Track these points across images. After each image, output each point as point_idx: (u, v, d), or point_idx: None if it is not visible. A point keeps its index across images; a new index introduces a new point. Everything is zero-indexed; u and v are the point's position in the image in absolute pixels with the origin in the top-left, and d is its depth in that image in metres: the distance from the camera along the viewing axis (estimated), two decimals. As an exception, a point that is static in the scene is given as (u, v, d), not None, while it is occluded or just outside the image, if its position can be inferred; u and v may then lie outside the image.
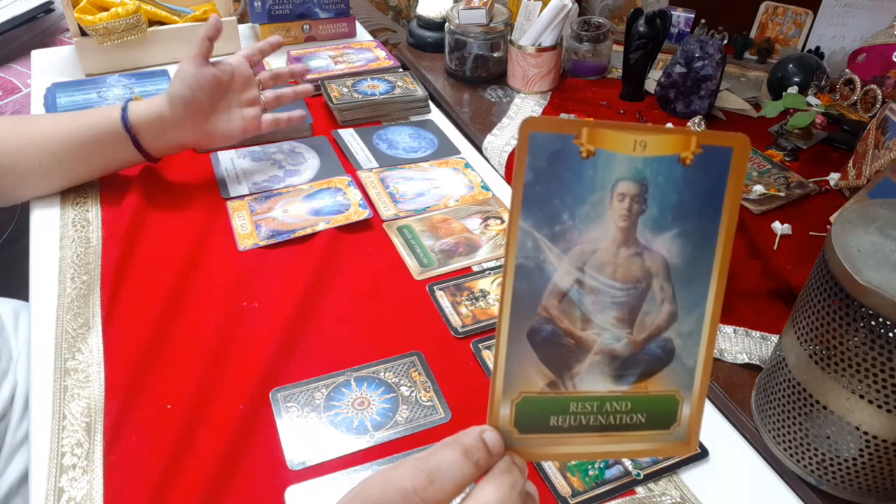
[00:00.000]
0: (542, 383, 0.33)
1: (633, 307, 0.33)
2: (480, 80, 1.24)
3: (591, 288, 0.33)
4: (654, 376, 0.34)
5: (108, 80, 1.11)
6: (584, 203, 0.31)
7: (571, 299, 0.33)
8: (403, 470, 0.31)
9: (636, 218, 0.32)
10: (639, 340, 0.34)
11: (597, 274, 0.32)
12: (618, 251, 0.32)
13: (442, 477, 0.31)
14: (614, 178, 0.31)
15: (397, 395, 0.65)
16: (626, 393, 0.34)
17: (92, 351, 0.67)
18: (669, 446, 0.35)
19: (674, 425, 0.35)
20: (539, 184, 0.31)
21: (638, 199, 0.31)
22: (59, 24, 1.51)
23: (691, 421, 0.35)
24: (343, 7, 1.32)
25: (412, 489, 0.30)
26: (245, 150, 0.99)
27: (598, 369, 0.34)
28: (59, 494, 0.55)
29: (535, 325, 0.33)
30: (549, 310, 0.32)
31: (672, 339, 0.34)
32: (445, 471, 0.31)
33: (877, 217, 0.53)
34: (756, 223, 0.89)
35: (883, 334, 0.48)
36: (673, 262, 0.33)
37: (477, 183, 0.95)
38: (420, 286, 0.77)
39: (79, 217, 0.85)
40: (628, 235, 0.32)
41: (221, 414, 0.62)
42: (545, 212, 0.31)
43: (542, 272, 0.32)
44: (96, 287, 0.74)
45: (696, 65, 1.08)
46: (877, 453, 0.52)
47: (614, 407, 0.34)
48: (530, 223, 0.31)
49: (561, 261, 0.32)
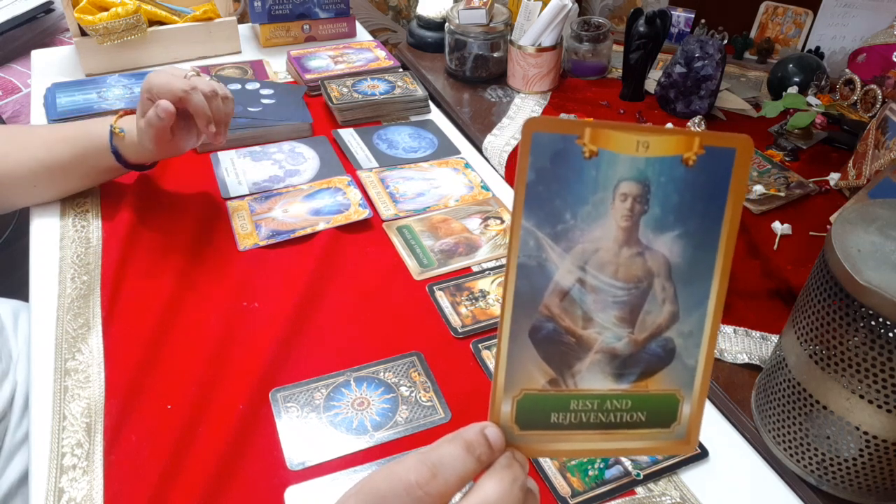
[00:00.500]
0: (543, 381, 0.34)
1: (634, 306, 0.33)
2: (480, 80, 1.24)
3: (592, 287, 0.33)
4: (654, 375, 0.34)
5: (108, 80, 1.11)
6: (587, 203, 0.31)
7: (573, 298, 0.33)
8: (407, 464, 0.32)
9: (638, 218, 0.32)
10: (640, 340, 0.34)
11: (598, 273, 0.32)
12: (619, 251, 0.32)
13: (444, 471, 0.31)
14: (616, 179, 0.31)
15: (397, 395, 0.65)
16: (626, 391, 0.34)
17: (92, 351, 0.67)
18: (669, 445, 0.35)
19: (674, 424, 0.35)
20: (541, 183, 0.31)
21: (640, 200, 0.31)
22: (59, 24, 1.51)
23: (691, 420, 0.35)
24: (343, 7, 1.32)
25: (416, 483, 0.31)
26: (245, 150, 0.99)
27: (598, 368, 0.34)
28: (59, 495, 0.55)
29: (536, 323, 0.33)
30: (550, 308, 0.33)
31: (673, 339, 0.34)
32: (448, 465, 0.32)
33: (877, 217, 0.53)
34: (756, 223, 0.89)
35: (883, 334, 0.48)
36: (675, 262, 0.33)
37: (477, 183, 0.95)
38: (420, 286, 0.77)
39: (79, 217, 0.85)
40: (630, 235, 0.32)
41: (221, 414, 0.62)
42: (547, 211, 0.31)
43: (544, 271, 0.32)
44: (96, 287, 0.74)
45: (696, 65, 1.08)
46: (877, 453, 0.52)
47: (615, 405, 0.34)
48: (532, 222, 0.31)
49: (563, 260, 0.32)
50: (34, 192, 0.84)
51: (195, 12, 1.22)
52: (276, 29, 1.29)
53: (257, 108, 1.03)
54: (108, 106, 1.02)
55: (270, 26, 1.28)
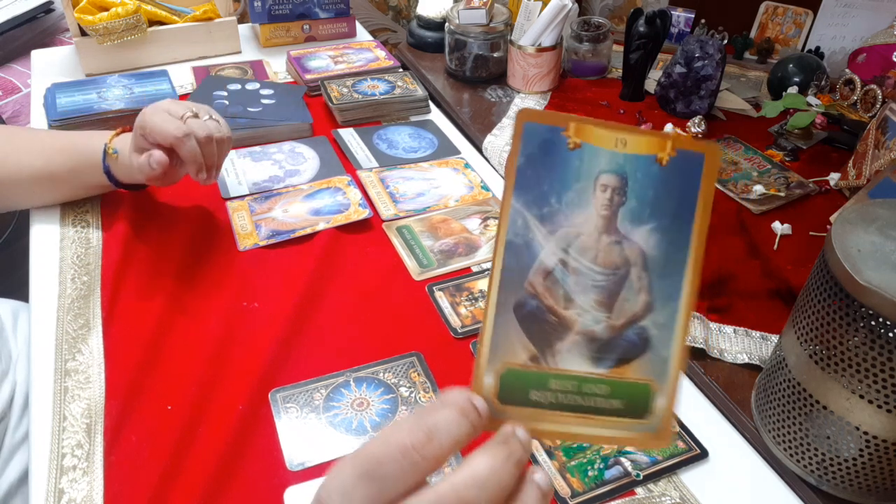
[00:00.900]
0: (525, 356, 0.35)
1: (612, 292, 0.36)
2: (480, 80, 1.24)
3: (573, 269, 0.35)
4: (631, 363, 0.36)
5: (108, 80, 1.11)
6: (570, 189, 0.34)
7: (556, 278, 0.35)
8: (402, 427, 0.32)
9: (617, 208, 0.35)
10: (617, 325, 0.36)
11: (579, 257, 0.35)
12: (599, 237, 0.35)
13: (440, 435, 0.32)
14: (598, 170, 0.34)
15: (396, 395, 0.65)
16: (604, 376, 0.36)
17: (92, 352, 0.67)
18: (643, 437, 0.37)
19: (648, 415, 0.36)
20: (530, 168, 0.34)
21: (619, 192, 0.34)
22: (59, 24, 1.51)
23: (665, 413, 0.36)
24: (343, 7, 1.32)
25: (411, 446, 0.31)
26: (245, 150, 0.99)
27: (577, 349, 0.36)
28: (59, 495, 0.55)
29: (521, 299, 0.35)
30: (535, 286, 0.35)
31: (648, 329, 0.36)
32: (443, 429, 0.32)
33: (877, 217, 0.53)
34: (756, 223, 0.89)
35: (883, 334, 0.48)
36: (650, 254, 0.35)
37: (477, 183, 0.95)
38: (419, 286, 0.77)
39: (79, 218, 0.85)
40: (609, 224, 0.35)
41: (221, 414, 0.62)
42: (535, 194, 0.34)
43: (531, 249, 0.34)
44: (97, 287, 0.74)
45: (696, 65, 1.08)
46: (877, 453, 0.52)
47: (593, 389, 0.36)
48: (521, 203, 0.34)
49: (548, 241, 0.35)
50: (33, 196, 0.84)
51: (195, 12, 1.22)
52: (276, 29, 1.29)
53: (257, 108, 1.03)
54: (107, 106, 1.02)
55: (270, 26, 1.28)
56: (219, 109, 1.01)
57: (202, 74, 1.16)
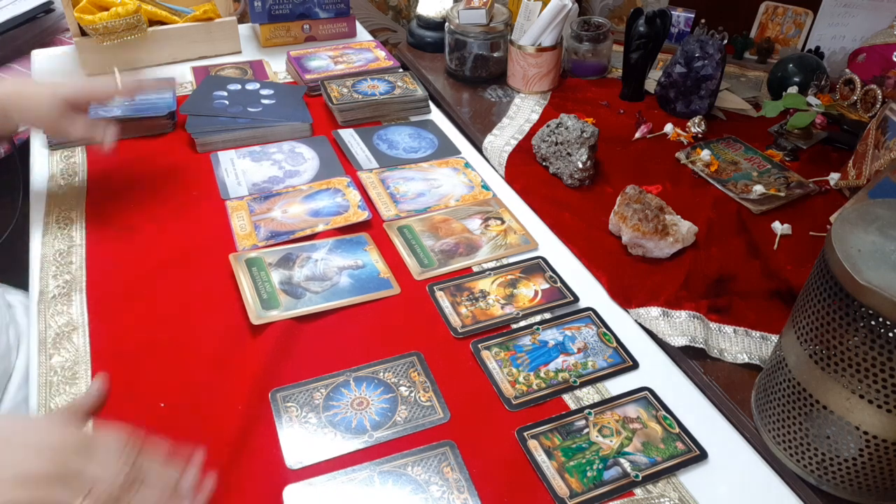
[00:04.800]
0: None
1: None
2: (480, 80, 1.24)
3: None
4: None
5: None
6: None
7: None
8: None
9: None
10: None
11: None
12: None
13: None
14: None
15: (396, 395, 0.65)
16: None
17: (78, 350, 0.67)
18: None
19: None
20: None
21: None
22: (59, 24, 1.51)
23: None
24: (343, 7, 1.32)
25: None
26: (245, 150, 0.99)
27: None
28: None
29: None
30: None
31: None
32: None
33: (877, 217, 0.53)
34: (756, 223, 0.89)
35: (883, 334, 0.48)
36: None
37: (477, 183, 0.95)
38: (420, 286, 0.77)
39: (63, 216, 0.84)
40: None
41: (220, 414, 0.62)
42: None
43: None
44: (82, 285, 0.74)
45: (696, 65, 1.08)
46: (877, 453, 0.52)
47: None
48: None
49: None
50: None
51: (195, 12, 1.22)
52: (276, 29, 1.29)
53: (257, 108, 1.03)
54: (104, 112, 1.02)
55: (270, 26, 1.28)
56: (219, 109, 1.02)
57: (202, 74, 1.16)
